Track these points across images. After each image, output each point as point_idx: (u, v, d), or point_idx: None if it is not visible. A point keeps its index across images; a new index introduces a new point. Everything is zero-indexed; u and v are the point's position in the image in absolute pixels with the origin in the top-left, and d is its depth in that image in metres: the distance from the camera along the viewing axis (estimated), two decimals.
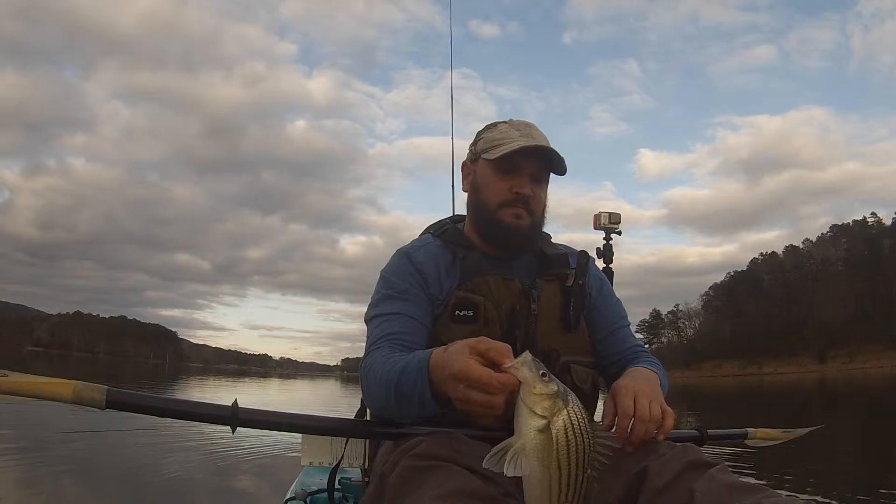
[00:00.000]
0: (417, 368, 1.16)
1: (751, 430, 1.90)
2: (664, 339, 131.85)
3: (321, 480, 2.07)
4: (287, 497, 2.07)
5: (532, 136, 1.49)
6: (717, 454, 6.50)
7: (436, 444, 1.16)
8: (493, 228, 1.51)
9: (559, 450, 0.94)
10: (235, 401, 1.28)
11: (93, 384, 1.21)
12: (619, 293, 1.73)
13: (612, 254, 2.23)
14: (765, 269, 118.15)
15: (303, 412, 1.42)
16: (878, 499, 5.12)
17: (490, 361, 1.00)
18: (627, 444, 1.23)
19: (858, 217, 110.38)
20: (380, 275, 1.55)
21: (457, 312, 1.42)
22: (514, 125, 1.53)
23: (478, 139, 1.58)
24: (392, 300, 1.46)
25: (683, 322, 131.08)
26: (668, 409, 1.28)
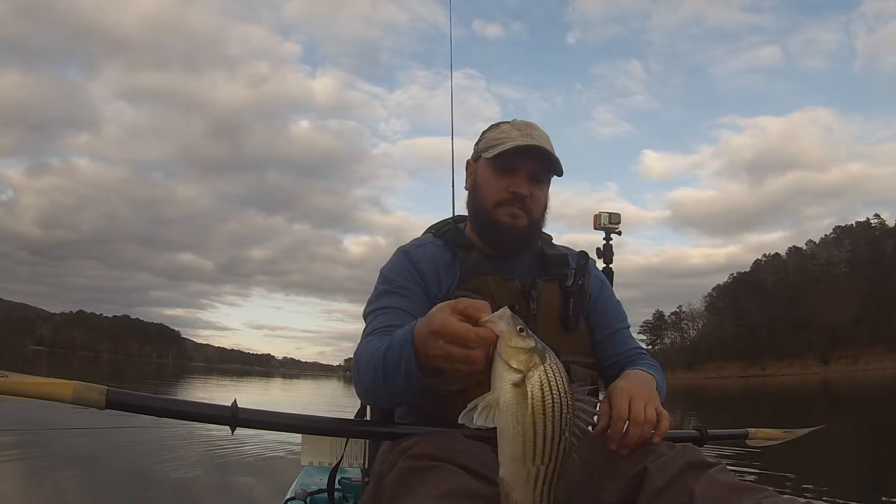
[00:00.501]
0: (402, 339, 1.16)
1: (751, 431, 1.91)
2: (667, 341, 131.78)
3: (321, 480, 2.07)
4: (287, 497, 2.07)
5: (532, 136, 1.49)
6: (720, 455, 6.49)
7: (433, 444, 1.16)
8: (490, 227, 1.52)
9: (534, 405, 0.93)
10: (235, 401, 1.29)
11: (92, 384, 1.22)
12: (622, 294, 1.74)
13: (612, 254, 2.22)
14: (768, 271, 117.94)
15: (302, 412, 1.42)
16: (881, 500, 5.11)
17: (469, 318, 1.00)
18: (622, 447, 1.23)
19: (862, 218, 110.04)
20: (379, 272, 1.56)
21: None
22: (516, 125, 1.54)
23: (481, 138, 1.60)
24: (389, 295, 1.47)
25: (686, 323, 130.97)
26: (664, 412, 1.28)
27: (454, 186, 2.02)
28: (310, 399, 24.77)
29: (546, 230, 1.65)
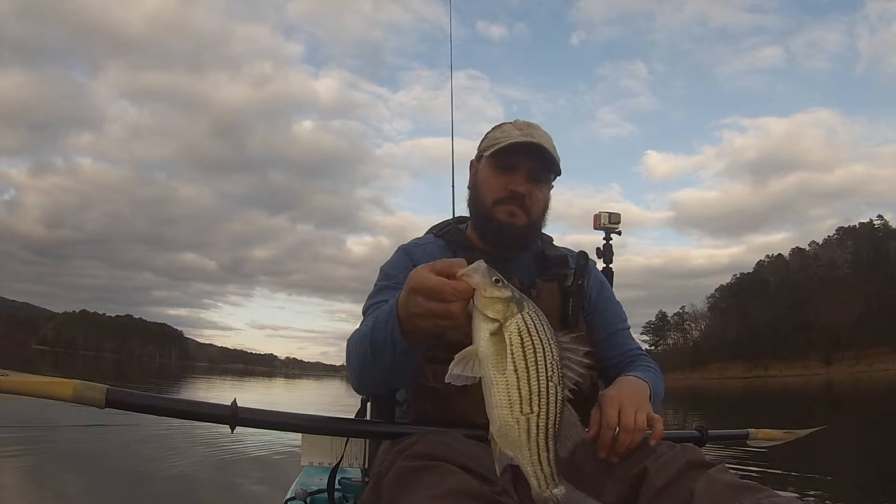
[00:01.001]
0: (387, 312, 1.17)
1: (752, 431, 1.90)
2: (670, 341, 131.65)
3: (321, 480, 2.06)
4: (287, 497, 2.07)
5: (532, 136, 1.50)
6: (724, 455, 6.48)
7: (432, 444, 1.16)
8: (489, 225, 1.53)
9: (514, 353, 0.92)
10: (234, 400, 1.29)
11: (93, 383, 1.22)
12: (624, 294, 1.74)
13: (612, 254, 2.22)
14: (771, 272, 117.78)
15: (303, 412, 1.42)
16: (883, 502, 5.10)
17: (446, 276, 0.99)
18: (612, 455, 1.22)
19: (865, 219, 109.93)
20: (380, 269, 1.58)
21: None
22: (518, 125, 1.55)
23: (483, 138, 1.61)
24: (387, 290, 1.48)
25: (689, 324, 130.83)
26: (655, 416, 1.27)
27: (454, 187, 2.02)
28: (312, 399, 24.77)
29: (549, 231, 1.66)
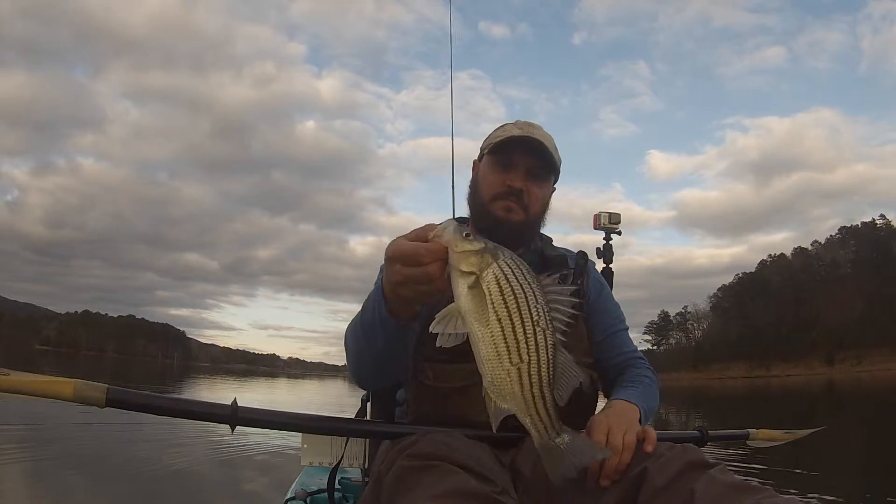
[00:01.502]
0: (374, 292, 1.19)
1: (752, 431, 1.90)
2: (672, 341, 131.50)
3: (321, 480, 2.06)
4: (287, 497, 2.07)
5: (531, 133, 1.51)
6: (726, 454, 6.48)
7: (431, 443, 1.16)
8: (486, 222, 1.54)
9: (494, 302, 0.91)
10: (234, 400, 1.29)
11: (93, 382, 1.22)
12: (627, 294, 1.74)
13: (612, 254, 2.21)
14: (773, 271, 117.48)
15: (303, 412, 1.42)
16: (886, 501, 5.09)
17: (421, 240, 1.00)
18: (603, 478, 1.20)
19: (867, 219, 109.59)
20: (380, 268, 1.57)
21: None
22: (519, 125, 1.57)
23: (486, 138, 1.62)
24: None
25: (691, 324, 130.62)
26: (645, 429, 1.26)
27: (454, 188, 2.03)
28: (314, 398, 24.78)
29: (552, 231, 1.66)
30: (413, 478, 1.07)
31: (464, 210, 1.67)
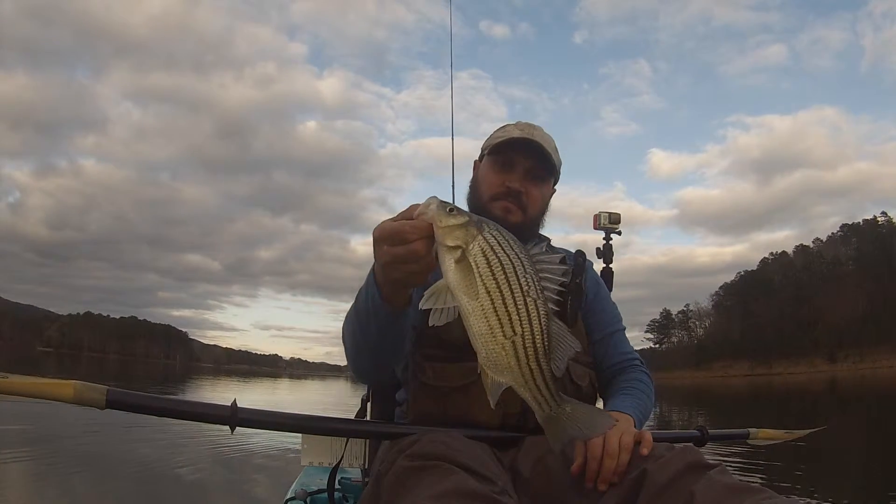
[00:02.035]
0: (366, 279, 1.18)
1: (752, 431, 1.90)
2: (674, 339, 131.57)
3: (321, 480, 2.06)
4: (287, 497, 2.06)
5: (531, 135, 1.52)
6: (727, 454, 6.47)
7: (431, 444, 1.16)
8: None
9: (482, 275, 0.90)
10: (234, 401, 1.28)
11: (93, 384, 1.22)
12: (629, 293, 1.75)
13: (612, 254, 2.20)
14: (775, 269, 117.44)
15: (303, 412, 1.42)
16: (888, 501, 5.08)
17: (406, 219, 1.00)
18: (600, 483, 1.20)
19: (869, 217, 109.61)
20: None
21: None
22: (519, 125, 1.57)
23: (487, 139, 1.63)
24: None
25: (694, 322, 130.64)
26: (640, 432, 1.25)
27: (454, 188, 2.03)
28: (315, 398, 24.78)
29: (552, 232, 1.66)
30: (413, 478, 1.07)
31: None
